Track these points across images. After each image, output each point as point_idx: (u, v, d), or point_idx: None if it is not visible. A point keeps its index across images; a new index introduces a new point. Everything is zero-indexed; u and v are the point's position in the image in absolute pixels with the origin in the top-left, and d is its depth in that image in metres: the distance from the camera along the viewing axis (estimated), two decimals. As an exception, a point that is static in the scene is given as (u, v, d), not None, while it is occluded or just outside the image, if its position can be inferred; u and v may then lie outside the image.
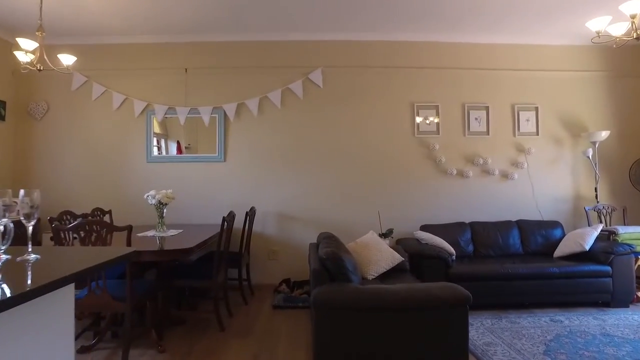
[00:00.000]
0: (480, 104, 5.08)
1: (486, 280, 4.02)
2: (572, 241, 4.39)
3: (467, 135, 5.07)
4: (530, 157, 5.08)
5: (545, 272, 4.03)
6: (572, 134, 5.17)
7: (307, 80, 5.06)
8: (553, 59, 5.17)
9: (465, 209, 5.03)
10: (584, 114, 5.20)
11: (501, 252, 4.64)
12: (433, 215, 4.99)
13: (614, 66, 5.23)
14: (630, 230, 4.50)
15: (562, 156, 5.16)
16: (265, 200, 5.03)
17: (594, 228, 4.38)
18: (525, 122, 5.11)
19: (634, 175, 4.87)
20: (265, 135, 5.07)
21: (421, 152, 5.05)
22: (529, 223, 4.80)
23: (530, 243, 4.69)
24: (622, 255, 4.12)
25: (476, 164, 5.01)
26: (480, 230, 4.72)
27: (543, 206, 5.09)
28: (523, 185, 5.09)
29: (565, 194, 5.15)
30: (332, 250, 2.67)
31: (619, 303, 4.14)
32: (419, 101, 5.06)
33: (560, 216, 5.09)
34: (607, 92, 5.24)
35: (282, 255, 5.02)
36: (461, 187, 5.05)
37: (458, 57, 5.10)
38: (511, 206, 5.07)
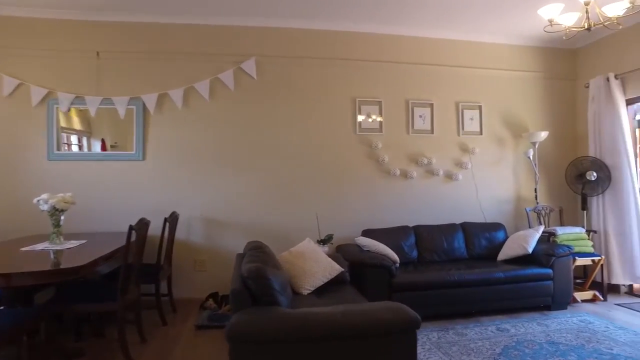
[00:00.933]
0: (425, 101, 4.85)
1: (432, 289, 3.74)
2: (516, 244, 4.25)
3: (412, 134, 4.81)
4: (475, 157, 4.92)
5: (491, 277, 3.84)
6: (514, 134, 5.09)
7: (239, 70, 4.54)
8: (495, 57, 5.06)
9: (409, 212, 4.76)
10: (525, 115, 5.14)
11: (446, 256, 4.41)
12: (376, 218, 4.67)
13: (549, 68, 5.22)
14: (568, 231, 4.45)
15: (504, 156, 5.06)
16: (191, 204, 4.45)
17: (535, 230, 4.27)
18: (470, 121, 4.95)
19: (569, 176, 4.85)
20: (191, 131, 4.49)
21: (363, 150, 4.72)
22: (474, 225, 4.63)
23: (474, 246, 4.51)
24: (562, 257, 4.04)
25: (420, 164, 4.76)
26: (424, 235, 4.47)
27: (486, 207, 4.96)
28: (467, 186, 4.92)
29: (508, 195, 5.05)
30: (257, 267, 2.21)
31: (559, 305, 4.06)
32: (361, 96, 4.73)
33: (502, 217, 4.98)
34: (545, 93, 5.22)
35: (210, 265, 4.47)
36: (405, 188, 4.78)
37: (401, 50, 4.83)
38: (456, 208, 4.88)
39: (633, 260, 4.48)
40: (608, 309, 4.16)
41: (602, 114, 4.71)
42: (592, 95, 4.85)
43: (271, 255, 2.84)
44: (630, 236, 4.49)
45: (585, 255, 4.34)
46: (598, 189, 4.67)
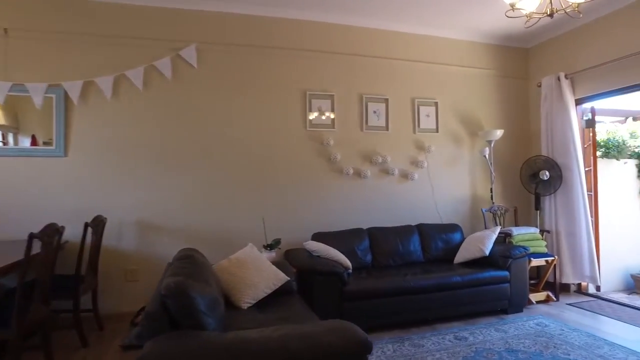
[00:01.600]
0: (380, 96, 4.60)
1: (387, 297, 3.48)
2: (473, 246, 4.09)
3: (365, 130, 4.55)
4: (431, 155, 4.74)
5: (449, 282, 3.64)
6: (470, 132, 4.96)
7: (178, 57, 4.09)
8: (451, 53, 4.91)
9: (364, 213, 4.49)
10: (480, 112, 5.03)
11: (402, 260, 4.18)
12: (328, 220, 4.36)
13: (503, 66, 5.15)
14: (523, 232, 4.36)
15: (460, 155, 4.92)
16: (122, 206, 3.94)
17: (492, 231, 4.13)
18: (426, 118, 4.76)
19: (523, 176, 4.79)
20: (122, 125, 3.98)
21: (314, 148, 4.40)
22: (430, 227, 4.43)
23: (431, 249, 4.32)
24: (519, 259, 3.91)
25: (375, 162, 4.51)
26: (379, 237, 4.22)
27: (443, 208, 4.79)
28: (423, 186, 4.73)
29: (464, 195, 4.91)
30: (177, 283, 1.81)
31: (515, 308, 3.94)
32: (312, 89, 4.41)
33: (459, 218, 4.83)
34: (499, 91, 5.14)
35: (143, 275, 3.98)
36: (359, 188, 4.51)
37: (354, 42, 4.55)
38: (412, 209, 4.67)
39: (582, 260, 4.46)
40: (561, 309, 4.09)
41: (554, 113, 4.68)
42: (544, 94, 4.81)
43: (204, 266, 2.45)
44: (579, 236, 4.47)
45: (540, 255, 4.27)
46: (550, 188, 4.63)
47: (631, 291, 4.79)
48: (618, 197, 5.11)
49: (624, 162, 5.34)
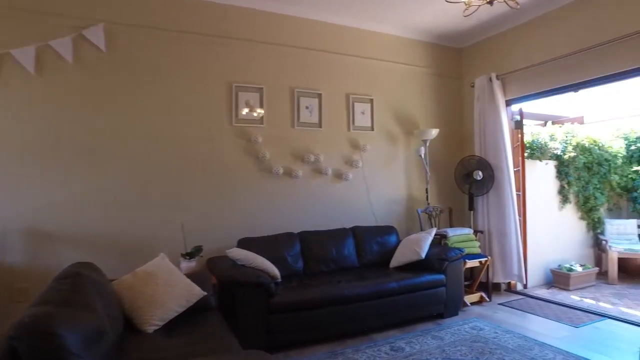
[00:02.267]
0: (313, 91, 4.32)
1: (319, 308, 3.19)
2: (408, 249, 3.93)
3: (297, 127, 4.24)
4: (366, 154, 4.54)
5: (385, 289, 3.43)
6: (406, 131, 4.83)
7: (82, 38, 3.50)
8: (387, 48, 4.75)
9: (295, 216, 4.18)
10: (416, 111, 4.93)
11: (336, 266, 3.92)
12: (255, 225, 3.98)
13: (439, 65, 5.11)
14: (458, 233, 4.29)
15: (396, 154, 4.77)
16: (6, 212, 3.29)
17: (428, 233, 4.01)
18: (361, 115, 4.55)
19: (458, 176, 4.75)
20: (7, 115, 3.32)
21: (241, 145, 4.01)
22: (365, 230, 4.22)
23: (366, 253, 4.10)
24: (455, 261, 3.81)
25: (307, 161, 4.21)
26: (311, 242, 3.93)
27: (378, 209, 4.61)
28: (358, 186, 4.52)
29: (399, 196, 4.77)
30: (37, 318, 1.37)
31: (451, 312, 3.84)
32: (239, 81, 4.02)
33: (394, 219, 4.67)
34: (435, 90, 5.08)
35: (37, 293, 3.33)
36: (289, 189, 4.19)
37: (284, 31, 4.23)
38: (346, 211, 4.43)
39: (511, 259, 4.50)
40: (494, 310, 4.07)
41: (486, 113, 4.68)
42: (477, 95, 4.81)
43: (93, 285, 1.98)
44: (509, 236, 4.50)
45: (474, 257, 4.22)
46: (483, 188, 4.62)
47: (550, 285, 4.95)
48: (541, 196, 5.29)
49: (545, 163, 5.55)
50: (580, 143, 5.87)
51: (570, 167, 5.72)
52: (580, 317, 3.83)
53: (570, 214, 5.76)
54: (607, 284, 5.05)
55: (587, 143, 5.90)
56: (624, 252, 5.24)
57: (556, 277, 5.04)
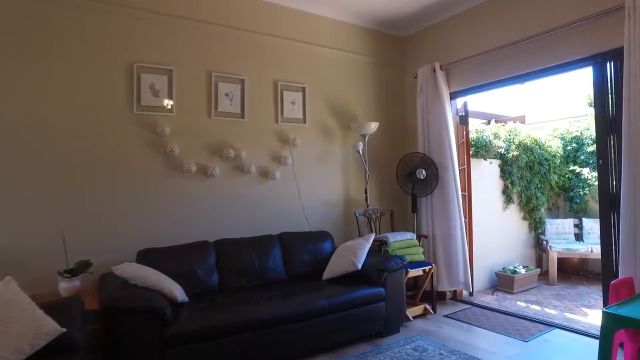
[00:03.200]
0: (234, 76, 3.69)
1: (230, 335, 2.57)
2: (343, 258, 3.41)
3: (215, 117, 3.59)
4: (297, 150, 3.97)
5: (313, 309, 2.88)
6: (342, 124, 4.33)
7: None
8: (322, 32, 4.22)
9: (211, 222, 3.52)
10: (354, 103, 4.44)
11: (258, 280, 3.31)
12: (162, 233, 3.29)
13: (380, 54, 4.66)
14: (399, 238, 3.84)
15: (331, 150, 4.25)
16: None
17: (365, 239, 3.51)
18: (291, 106, 3.98)
19: (400, 174, 4.31)
20: None
21: (143, 137, 3.29)
22: (295, 236, 3.66)
23: (295, 263, 3.53)
24: (395, 271, 3.34)
25: (226, 157, 3.57)
26: (230, 252, 3.30)
27: (311, 213, 4.06)
28: (287, 186, 3.94)
29: (335, 197, 4.25)
30: None
31: (392, 329, 3.37)
32: (143, 60, 3.30)
33: (329, 224, 4.14)
34: (375, 81, 4.63)
35: None
36: (204, 189, 3.52)
37: (201, 5, 3.57)
38: (273, 215, 3.84)
39: (457, 266, 4.13)
40: (438, 324, 3.65)
41: (430, 107, 4.29)
42: (420, 86, 4.41)
43: None
44: (454, 240, 4.13)
45: (417, 265, 3.78)
46: (427, 188, 4.22)
47: (495, 289, 4.79)
48: (486, 196, 5.10)
49: (490, 162, 5.33)
50: (522, 142, 5.73)
51: (513, 166, 5.57)
52: (528, 328, 3.51)
53: (513, 215, 5.64)
54: (548, 285, 5.03)
55: (529, 142, 5.78)
56: (563, 251, 5.24)
57: (501, 280, 4.90)
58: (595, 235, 5.64)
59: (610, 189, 3.00)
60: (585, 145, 6.11)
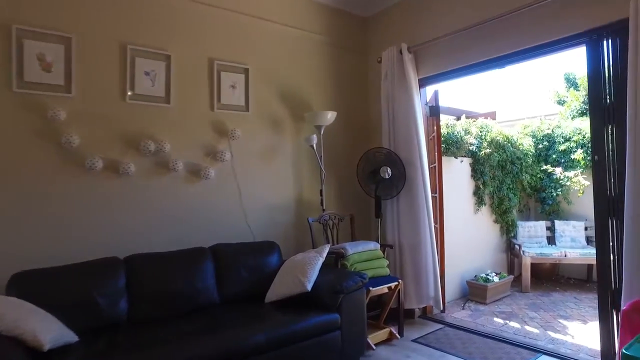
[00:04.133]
0: (157, 51, 2.95)
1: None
2: (290, 276, 2.75)
3: (130, 100, 2.85)
4: (237, 143, 3.28)
5: (245, 347, 2.20)
6: (294, 114, 3.67)
7: None
8: (271, 4, 3.55)
9: (122, 233, 2.77)
10: (308, 89, 3.79)
11: (183, 306, 2.60)
12: (52, 249, 2.52)
13: (339, 34, 4.03)
14: (360, 249, 3.23)
15: (281, 145, 3.58)
16: None
17: (318, 252, 2.86)
18: (230, 90, 3.29)
19: (362, 173, 3.70)
20: None
21: (27, 122, 2.51)
22: (232, 249, 2.96)
23: (231, 283, 2.85)
24: (354, 292, 2.72)
25: (144, 151, 2.83)
26: (144, 271, 2.57)
27: (255, 220, 3.37)
28: (225, 187, 3.24)
29: (286, 200, 3.59)
30: None
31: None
32: (28, 23, 2.53)
33: (278, 233, 3.47)
34: (334, 65, 4.00)
35: None
36: (115, 191, 2.77)
37: (113, -42, 2.83)
38: (206, 223, 3.12)
39: (427, 279, 3.57)
40: (406, 352, 3.07)
41: (396, 95, 3.71)
42: (384, 72, 3.82)
43: None
44: (423, 249, 3.57)
45: (381, 281, 3.17)
46: (393, 189, 3.63)
47: (466, 299, 4.48)
48: (456, 198, 4.66)
49: (461, 160, 4.88)
50: (494, 139, 5.30)
51: (485, 165, 5.12)
52: (511, 355, 2.97)
53: (485, 217, 5.23)
54: (521, 293, 4.73)
55: (501, 139, 5.36)
56: (536, 256, 4.92)
57: (472, 290, 4.50)
58: (567, 239, 5.41)
59: (608, 191, 2.50)
60: (557, 144, 5.79)
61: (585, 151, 5.40)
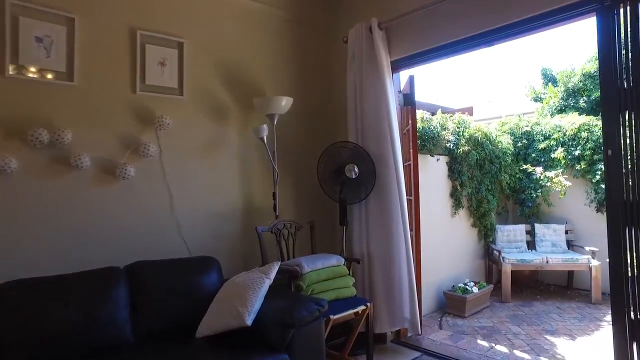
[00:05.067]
0: (54, 11, 2.26)
1: None
2: (227, 305, 2.12)
3: (13, 75, 2.13)
4: (167, 134, 2.62)
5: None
6: (241, 100, 3.03)
7: None
8: (212, -34, 2.91)
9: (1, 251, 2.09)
10: (260, 71, 3.16)
11: (77, 350, 1.93)
12: None
13: (299, 9, 3.42)
14: (319, 266, 2.63)
15: (224, 137, 2.92)
16: None
17: (264, 273, 2.23)
18: (159, 69, 2.62)
19: (323, 172, 3.09)
20: None
21: None
22: (155, 268, 2.30)
23: (152, 313, 2.19)
24: (309, 325, 2.12)
25: (34, 142, 2.12)
26: (23, 303, 1.88)
27: (191, 230, 2.71)
28: (151, 189, 2.57)
29: (230, 205, 2.93)
30: None
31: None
32: None
33: (220, 245, 2.82)
34: (291, 45, 3.39)
35: None
36: (-13, 196, 2.08)
37: None
38: (123, 235, 2.44)
39: (401, 298, 3.00)
40: (376, 389, 2.49)
41: (364, 80, 3.14)
42: (351, 53, 3.25)
43: None
44: (397, 262, 3.00)
45: (346, 305, 2.57)
46: (360, 191, 3.05)
47: (444, 312, 4.13)
48: (432, 200, 4.25)
49: (437, 158, 4.44)
50: (473, 135, 4.85)
51: (463, 164, 4.68)
52: (502, 392, 2.46)
53: (463, 221, 4.83)
54: (501, 303, 4.45)
55: (479, 136, 4.92)
56: (517, 263, 4.60)
57: (450, 302, 4.13)
58: (548, 243, 5.11)
59: (625, 194, 2.00)
60: (536, 142, 5.43)
61: (566, 149, 5.08)
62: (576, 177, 5.02)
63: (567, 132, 5.14)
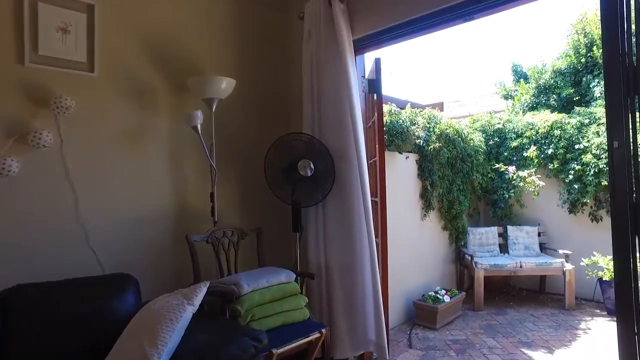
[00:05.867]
0: None
1: None
2: (134, 341, 1.61)
3: None
4: (71, 120, 2.06)
5: None
6: (171, 78, 2.50)
7: None
8: None
9: None
10: (198, 48, 2.64)
11: None
12: None
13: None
14: (263, 284, 2.14)
15: (150, 126, 2.39)
16: None
17: (186, 297, 1.72)
18: (59, 35, 2.06)
19: (272, 169, 2.59)
20: None
21: None
22: (43, 292, 1.75)
23: (33, 355, 1.65)
24: (247, 363, 1.63)
25: None
26: None
27: (105, 240, 2.17)
28: (46, 189, 2.01)
29: (157, 209, 2.40)
30: None
31: None
32: None
33: (143, 259, 2.29)
34: (236, 17, 2.89)
35: None
36: None
37: None
38: (7, 252, 1.88)
39: (365, 316, 2.56)
40: None
41: (322, 62, 2.69)
42: (307, 31, 2.78)
43: None
44: (360, 273, 2.55)
45: (296, 331, 2.09)
46: (317, 192, 2.59)
47: (413, 324, 3.79)
48: (401, 202, 3.89)
49: (406, 156, 4.08)
50: (444, 132, 4.50)
51: (434, 162, 4.32)
52: None
53: (433, 224, 4.50)
54: (474, 311, 4.18)
55: (450, 133, 4.59)
56: (490, 268, 4.32)
57: (420, 312, 3.80)
58: (521, 246, 4.87)
59: (633, 193, 1.63)
60: (508, 140, 5.16)
61: (538, 148, 4.83)
62: (549, 177, 4.79)
63: (540, 129, 4.90)
